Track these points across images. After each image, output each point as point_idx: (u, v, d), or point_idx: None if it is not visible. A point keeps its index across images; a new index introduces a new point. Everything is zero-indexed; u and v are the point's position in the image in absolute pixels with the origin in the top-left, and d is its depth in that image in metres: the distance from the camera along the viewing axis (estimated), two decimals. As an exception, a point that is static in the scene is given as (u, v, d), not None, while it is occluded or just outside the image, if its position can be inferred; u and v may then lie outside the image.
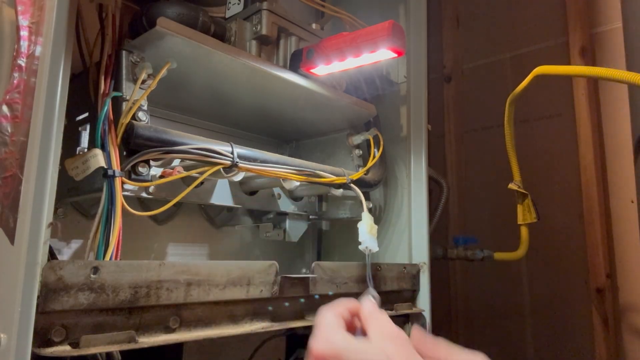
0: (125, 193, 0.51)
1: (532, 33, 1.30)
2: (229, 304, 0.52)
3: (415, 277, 0.75)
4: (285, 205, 0.78)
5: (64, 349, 0.40)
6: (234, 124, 0.84)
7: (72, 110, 0.47)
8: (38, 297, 0.39)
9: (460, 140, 1.41)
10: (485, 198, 1.33)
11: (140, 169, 0.51)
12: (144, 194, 0.55)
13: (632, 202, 1.08)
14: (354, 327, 0.39)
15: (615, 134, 1.13)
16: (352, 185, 0.71)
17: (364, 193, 0.81)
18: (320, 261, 0.63)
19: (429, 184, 0.83)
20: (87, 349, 0.40)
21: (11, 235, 0.41)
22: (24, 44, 0.46)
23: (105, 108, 0.50)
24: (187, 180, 0.57)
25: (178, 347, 0.57)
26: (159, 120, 0.73)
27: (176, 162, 0.57)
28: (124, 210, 0.49)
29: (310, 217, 0.84)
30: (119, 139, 0.50)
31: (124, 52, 0.54)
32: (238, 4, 0.70)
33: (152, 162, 0.53)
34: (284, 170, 0.63)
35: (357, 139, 0.81)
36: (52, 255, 0.42)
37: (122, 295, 0.43)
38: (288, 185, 0.66)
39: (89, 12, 0.56)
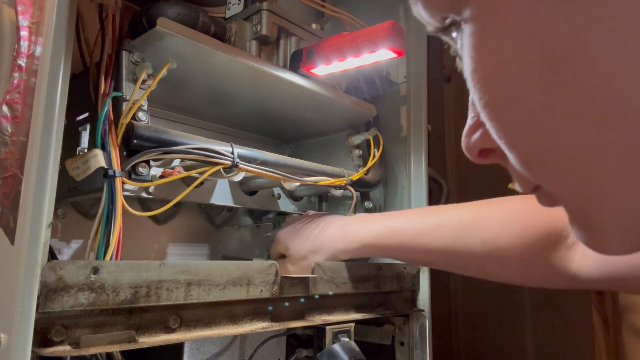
0: (126, 193, 0.51)
1: (532, 33, 1.29)
2: (229, 304, 0.52)
3: (415, 277, 0.75)
4: (285, 205, 0.78)
5: (64, 349, 0.40)
6: (234, 124, 0.84)
7: (72, 110, 0.47)
8: (38, 297, 0.39)
9: (460, 140, 1.41)
10: (485, 198, 1.32)
11: (140, 169, 0.51)
12: (144, 194, 0.56)
13: (632, 202, 1.08)
14: None
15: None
16: (349, 187, 0.71)
17: (363, 193, 0.81)
18: (320, 261, 0.63)
19: (429, 184, 0.83)
20: (87, 349, 0.40)
21: (11, 235, 0.41)
22: (24, 44, 0.46)
23: (106, 108, 0.50)
24: (187, 180, 0.57)
25: (178, 347, 0.57)
26: (159, 120, 0.73)
27: (176, 162, 0.57)
28: (124, 210, 0.49)
29: (310, 217, 0.84)
30: (119, 139, 0.50)
31: (124, 52, 0.54)
32: (238, 4, 0.70)
33: (152, 162, 0.53)
34: (284, 172, 0.63)
35: (357, 139, 0.81)
36: (52, 255, 0.42)
37: (122, 295, 0.43)
38: (288, 185, 0.66)
39: (89, 12, 0.56)
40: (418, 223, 0.61)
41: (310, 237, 0.66)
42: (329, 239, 0.65)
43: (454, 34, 0.25)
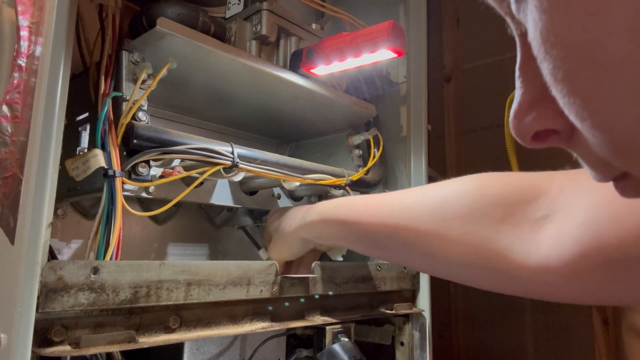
0: (125, 193, 0.51)
1: (532, 33, 1.29)
2: (229, 304, 0.52)
3: (415, 277, 0.75)
4: (285, 205, 0.78)
5: (64, 349, 0.40)
6: (234, 124, 0.84)
7: (72, 110, 0.47)
8: (38, 297, 0.39)
9: (460, 140, 1.41)
10: (485, 198, 1.32)
11: (140, 169, 0.51)
12: (144, 194, 0.56)
13: (632, 202, 1.08)
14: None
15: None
16: (347, 188, 0.72)
17: (363, 193, 0.81)
18: (320, 261, 0.63)
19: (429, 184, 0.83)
20: (87, 349, 0.40)
21: (11, 235, 0.41)
22: (24, 44, 0.46)
23: (106, 108, 0.50)
24: (187, 180, 0.57)
25: (178, 347, 0.57)
26: (159, 120, 0.73)
27: (176, 162, 0.57)
28: (124, 210, 0.49)
29: (310, 217, 0.84)
30: (119, 139, 0.50)
31: (124, 52, 0.54)
32: (238, 4, 0.70)
33: (152, 162, 0.53)
34: (284, 172, 0.63)
35: (357, 139, 0.81)
36: (52, 255, 0.42)
37: (122, 295, 0.43)
38: (288, 185, 0.66)
39: (89, 12, 0.56)
40: (373, 198, 0.57)
41: (286, 213, 0.66)
42: (298, 212, 0.64)
43: None
